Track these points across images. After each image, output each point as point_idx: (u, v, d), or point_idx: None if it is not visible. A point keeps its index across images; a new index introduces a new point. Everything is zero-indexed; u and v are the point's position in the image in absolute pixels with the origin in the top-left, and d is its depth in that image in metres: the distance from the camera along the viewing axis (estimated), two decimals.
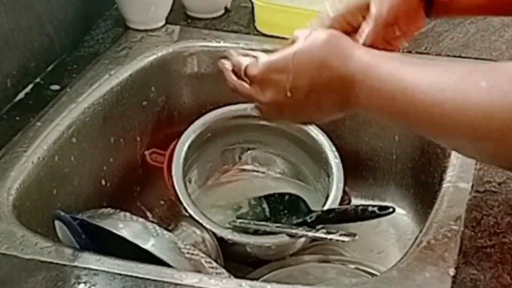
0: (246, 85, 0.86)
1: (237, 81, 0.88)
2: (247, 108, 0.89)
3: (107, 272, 0.83)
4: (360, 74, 0.77)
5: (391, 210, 1.01)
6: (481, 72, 0.69)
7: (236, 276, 0.91)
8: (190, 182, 1.19)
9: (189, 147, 1.15)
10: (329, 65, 0.78)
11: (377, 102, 0.76)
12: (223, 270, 0.91)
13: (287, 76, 0.81)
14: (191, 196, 1.10)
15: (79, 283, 0.82)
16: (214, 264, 0.90)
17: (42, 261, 0.84)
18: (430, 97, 0.70)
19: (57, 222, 0.92)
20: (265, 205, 1.14)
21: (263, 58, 0.85)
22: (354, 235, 1.00)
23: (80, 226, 0.90)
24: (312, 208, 1.11)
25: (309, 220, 1.07)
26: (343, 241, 1.01)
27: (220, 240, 1.05)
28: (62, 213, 0.91)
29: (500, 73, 0.67)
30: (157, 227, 0.91)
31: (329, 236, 1.02)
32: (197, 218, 1.06)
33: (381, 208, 1.02)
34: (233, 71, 0.89)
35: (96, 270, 0.83)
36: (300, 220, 1.08)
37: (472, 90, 0.67)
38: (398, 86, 0.73)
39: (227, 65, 0.90)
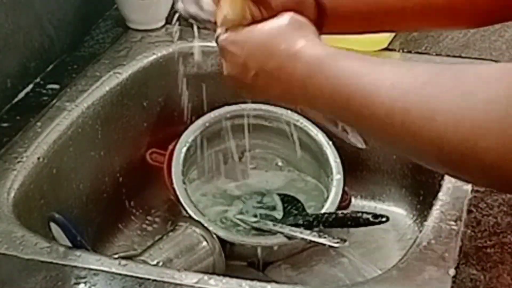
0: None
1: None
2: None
3: (107, 272, 0.83)
4: (309, 70, 0.68)
5: (384, 219, 1.02)
6: (449, 76, 0.61)
7: (236, 276, 0.91)
8: (190, 182, 1.19)
9: (189, 147, 1.15)
10: (276, 55, 0.72)
11: (328, 102, 0.67)
12: None
13: (240, 54, 0.75)
14: (190, 196, 1.10)
15: (79, 283, 0.82)
16: None
17: (42, 261, 0.84)
18: (391, 101, 0.61)
19: (52, 224, 0.92)
20: (261, 204, 1.14)
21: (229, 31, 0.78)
22: (344, 240, 1.01)
23: (74, 228, 0.90)
24: (309, 210, 1.11)
25: (304, 223, 1.07)
26: (333, 247, 1.02)
27: (220, 240, 1.05)
28: (57, 215, 0.91)
29: (471, 78, 0.60)
30: None
31: (320, 240, 1.02)
32: (197, 218, 1.06)
33: (376, 216, 1.03)
34: None
35: (96, 270, 0.83)
36: (295, 222, 1.08)
37: (440, 96, 0.59)
38: (354, 87, 0.64)
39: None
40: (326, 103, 0.68)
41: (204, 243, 1.03)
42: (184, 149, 1.14)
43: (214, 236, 1.04)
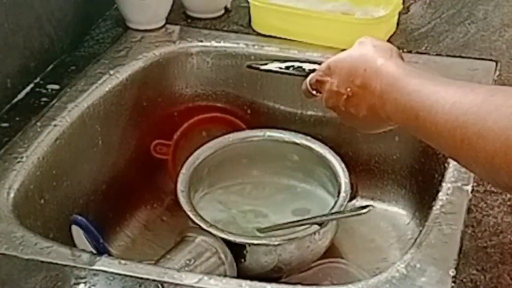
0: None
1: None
2: None
3: (107, 272, 0.83)
4: (387, 86, 0.79)
5: (365, 210, 1.02)
6: (504, 95, 0.66)
7: (236, 276, 0.91)
8: (196, 192, 1.16)
9: (198, 164, 1.14)
10: (359, 74, 0.83)
11: (401, 116, 0.77)
12: None
13: (332, 82, 0.87)
14: (196, 207, 1.07)
15: (79, 283, 0.82)
16: None
17: (42, 261, 0.84)
18: (453, 119, 0.69)
19: (74, 227, 0.92)
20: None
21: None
22: (368, 206, 1.03)
23: (97, 230, 0.90)
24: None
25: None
26: (361, 214, 1.03)
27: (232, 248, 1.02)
28: (79, 218, 0.91)
29: None
30: None
31: (347, 214, 1.05)
32: (206, 228, 1.02)
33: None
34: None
35: (96, 270, 0.83)
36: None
37: (493, 115, 0.65)
38: (422, 104, 0.74)
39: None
40: (400, 117, 0.78)
41: (215, 254, 1.02)
42: (194, 165, 1.13)
43: (225, 246, 1.01)
